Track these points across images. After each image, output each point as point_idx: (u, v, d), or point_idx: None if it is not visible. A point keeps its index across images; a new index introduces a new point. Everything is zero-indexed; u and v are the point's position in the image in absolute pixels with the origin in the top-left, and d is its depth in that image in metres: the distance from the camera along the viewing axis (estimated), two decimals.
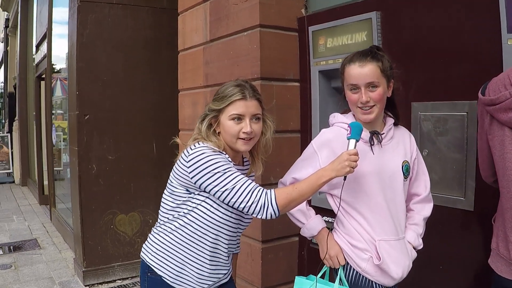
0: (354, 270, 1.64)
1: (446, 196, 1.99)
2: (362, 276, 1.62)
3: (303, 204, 1.68)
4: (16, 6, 10.38)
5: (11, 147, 10.78)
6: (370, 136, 1.62)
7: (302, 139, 2.77)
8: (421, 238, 1.74)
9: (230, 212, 1.60)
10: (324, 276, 1.74)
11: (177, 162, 1.63)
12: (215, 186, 1.51)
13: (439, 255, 2.02)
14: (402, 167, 1.65)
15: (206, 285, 1.67)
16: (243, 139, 1.61)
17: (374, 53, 1.60)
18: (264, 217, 1.51)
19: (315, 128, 2.62)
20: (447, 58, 1.98)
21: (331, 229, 1.75)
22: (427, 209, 1.76)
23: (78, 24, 3.98)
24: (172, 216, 1.63)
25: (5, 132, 12.61)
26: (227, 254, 1.70)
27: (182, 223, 1.61)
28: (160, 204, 1.70)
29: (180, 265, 1.63)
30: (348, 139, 1.51)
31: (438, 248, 1.98)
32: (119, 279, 4.22)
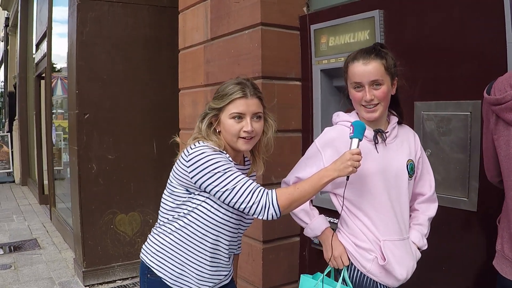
0: (358, 270, 1.62)
1: (449, 197, 1.97)
2: (367, 277, 1.61)
3: (307, 203, 1.66)
4: (16, 5, 10.37)
5: (11, 147, 10.77)
6: (374, 135, 1.60)
7: (304, 138, 2.75)
8: (425, 239, 1.72)
9: (230, 213, 1.58)
10: (329, 274, 1.73)
11: (177, 161, 1.60)
12: (215, 186, 1.49)
13: (441, 256, 2.00)
14: (407, 166, 1.63)
15: (207, 286, 1.65)
16: (244, 138, 1.58)
17: (378, 50, 1.58)
18: (265, 218, 1.49)
19: (317, 128, 2.61)
20: (451, 58, 1.96)
21: (334, 229, 1.73)
22: (432, 209, 1.74)
23: (77, 22, 3.97)
24: (172, 216, 1.61)
25: (5, 132, 12.59)
26: (228, 255, 1.68)
27: (182, 224, 1.59)
28: (160, 204, 1.68)
29: (180, 266, 1.60)
30: (351, 138, 1.49)
31: (440, 248, 1.96)
32: (119, 279, 4.21)
